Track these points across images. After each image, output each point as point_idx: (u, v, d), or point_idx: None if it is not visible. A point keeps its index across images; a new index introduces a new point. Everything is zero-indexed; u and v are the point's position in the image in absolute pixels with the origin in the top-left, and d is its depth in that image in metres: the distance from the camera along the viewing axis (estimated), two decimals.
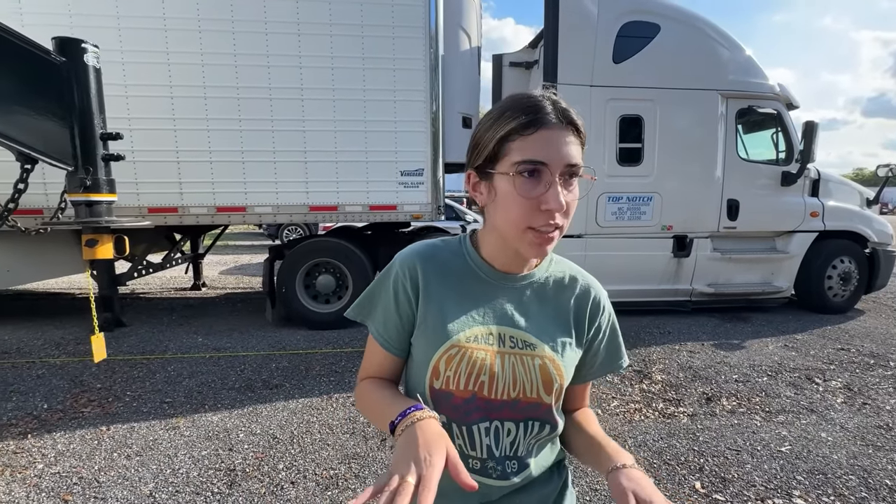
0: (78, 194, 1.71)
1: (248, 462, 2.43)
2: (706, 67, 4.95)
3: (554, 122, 0.65)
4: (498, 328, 0.74)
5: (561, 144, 0.65)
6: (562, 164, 0.65)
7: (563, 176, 0.65)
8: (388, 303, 0.77)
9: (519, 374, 0.73)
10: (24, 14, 3.96)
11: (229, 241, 12.73)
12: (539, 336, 0.75)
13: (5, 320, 4.99)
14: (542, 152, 0.64)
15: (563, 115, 0.66)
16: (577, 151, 0.66)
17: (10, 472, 2.33)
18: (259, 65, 4.36)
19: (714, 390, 3.35)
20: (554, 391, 0.75)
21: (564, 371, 0.75)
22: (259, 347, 4.24)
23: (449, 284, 0.76)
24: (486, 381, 0.72)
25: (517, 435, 0.75)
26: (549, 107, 0.65)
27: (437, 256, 0.78)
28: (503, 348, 0.73)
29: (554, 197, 0.64)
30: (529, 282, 0.78)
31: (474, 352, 0.72)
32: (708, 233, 5.17)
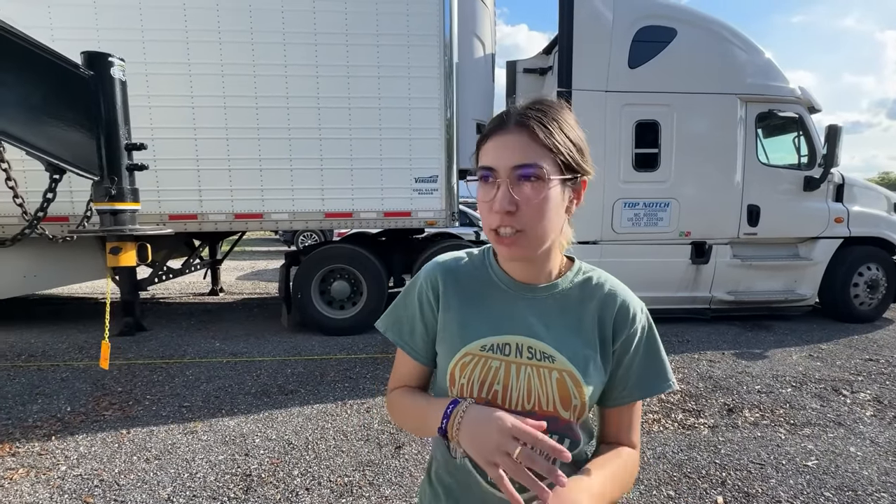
0: (103, 203, 1.76)
1: (264, 467, 2.45)
2: (724, 71, 4.88)
3: (507, 128, 0.66)
4: (515, 338, 0.73)
5: (510, 148, 0.65)
6: (508, 166, 0.65)
7: (518, 179, 0.65)
8: (414, 312, 0.80)
9: (534, 387, 0.71)
10: (54, 29, 4.10)
11: (246, 246, 12.94)
12: (559, 348, 0.72)
13: (32, 324, 5.14)
14: (491, 158, 0.67)
15: (518, 118, 0.66)
16: (531, 152, 0.65)
17: (35, 474, 2.39)
18: (277, 75, 4.45)
19: (736, 401, 3.26)
20: (573, 407, 0.71)
21: (586, 387, 0.70)
22: (275, 353, 4.28)
23: (469, 294, 0.77)
24: (500, 390, 0.71)
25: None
26: (511, 114, 0.67)
27: (460, 267, 0.80)
28: (520, 358, 0.72)
29: (499, 199, 0.65)
30: (552, 292, 0.76)
31: (488, 360, 0.72)
32: (727, 239, 5.06)
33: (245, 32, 4.37)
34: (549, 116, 0.67)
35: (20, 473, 2.39)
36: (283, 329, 5.00)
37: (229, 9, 4.34)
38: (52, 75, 1.51)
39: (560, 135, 0.66)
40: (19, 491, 2.25)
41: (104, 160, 1.66)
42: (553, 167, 0.66)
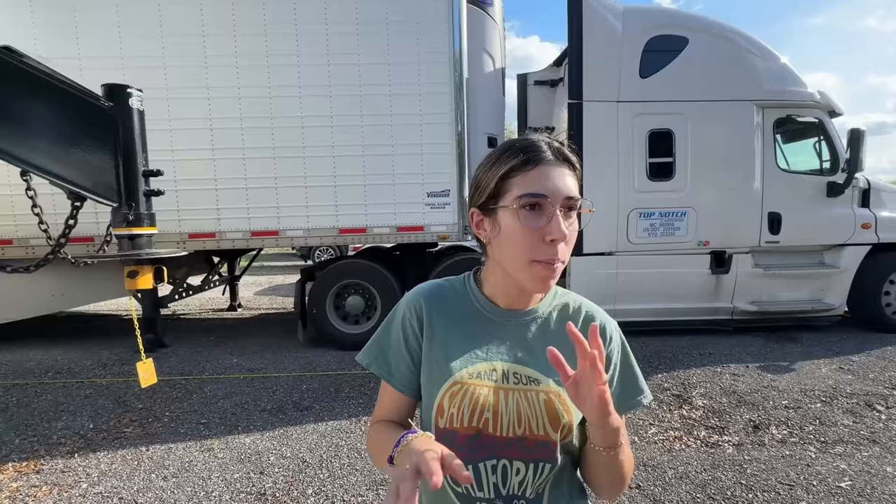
0: (121, 228, 1.82)
1: (279, 486, 2.45)
2: (739, 78, 4.81)
3: (551, 159, 0.70)
4: (502, 364, 0.74)
5: (559, 178, 0.69)
6: (561, 196, 0.68)
7: (563, 208, 0.69)
8: (399, 342, 0.79)
9: (524, 410, 0.72)
10: (82, 58, 4.31)
11: (264, 262, 13.16)
12: (544, 371, 0.74)
13: (59, 341, 5.30)
14: (542, 186, 0.68)
15: (558, 152, 0.71)
16: (574, 185, 0.70)
17: (58, 491, 2.44)
18: (291, 96, 4.56)
19: (762, 417, 3.14)
20: (561, 427, 0.72)
21: (572, 406, 0.71)
22: (291, 368, 4.32)
23: (452, 322, 0.78)
24: (490, 417, 0.71)
25: (526, 475, 0.72)
26: (544, 146, 0.71)
27: (442, 295, 0.81)
28: (507, 384, 0.73)
29: (557, 227, 0.67)
30: (533, 317, 0.78)
31: (477, 388, 0.73)
32: (748, 248, 4.93)
33: (261, 56, 4.50)
34: (573, 152, 0.73)
35: (44, 491, 2.44)
36: (298, 344, 5.04)
37: (246, 34, 4.49)
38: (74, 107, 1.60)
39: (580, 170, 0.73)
40: None
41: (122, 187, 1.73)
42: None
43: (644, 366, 4.16)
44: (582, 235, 4.81)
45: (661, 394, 3.56)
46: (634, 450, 2.76)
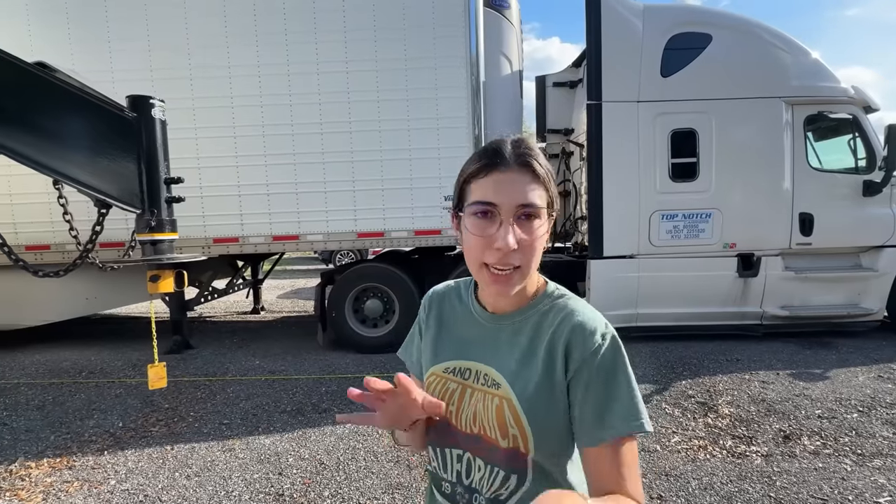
0: (144, 234, 1.89)
1: (296, 487, 2.48)
2: (766, 74, 4.65)
3: (508, 166, 0.67)
4: (476, 364, 0.77)
5: (512, 186, 0.67)
6: (512, 205, 0.66)
7: (518, 217, 0.66)
8: (414, 335, 0.91)
9: (479, 411, 0.73)
10: (114, 72, 4.51)
11: (287, 265, 13.43)
12: (505, 375, 0.73)
13: (93, 343, 5.53)
14: (492, 194, 0.67)
15: (518, 158, 0.68)
16: (533, 193, 0.67)
17: (88, 487, 2.53)
18: (311, 103, 4.65)
19: (793, 427, 3.01)
20: (511, 437, 0.69)
21: (525, 417, 0.68)
22: (310, 371, 4.38)
23: (447, 321, 0.84)
24: (454, 411, 0.76)
25: (484, 475, 0.73)
26: (507, 150, 0.68)
27: (446, 296, 0.88)
28: (476, 384, 0.75)
29: (502, 236, 0.65)
30: (514, 321, 0.76)
31: (448, 382, 0.78)
32: (778, 250, 4.75)
33: (282, 65, 4.61)
34: (538, 153, 0.70)
35: (75, 486, 2.54)
36: (319, 347, 5.11)
37: (268, 43, 4.61)
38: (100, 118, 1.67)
39: (549, 174, 0.70)
40: (73, 503, 2.39)
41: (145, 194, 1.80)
42: (544, 204, 0.69)
43: (667, 372, 4.05)
44: (602, 238, 4.73)
45: (686, 401, 3.45)
46: (655, 458, 2.69)
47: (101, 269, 2.26)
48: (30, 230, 4.61)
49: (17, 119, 1.71)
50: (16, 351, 5.12)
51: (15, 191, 4.53)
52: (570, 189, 6.47)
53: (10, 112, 1.70)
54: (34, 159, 1.73)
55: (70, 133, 1.68)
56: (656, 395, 3.57)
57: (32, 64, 1.76)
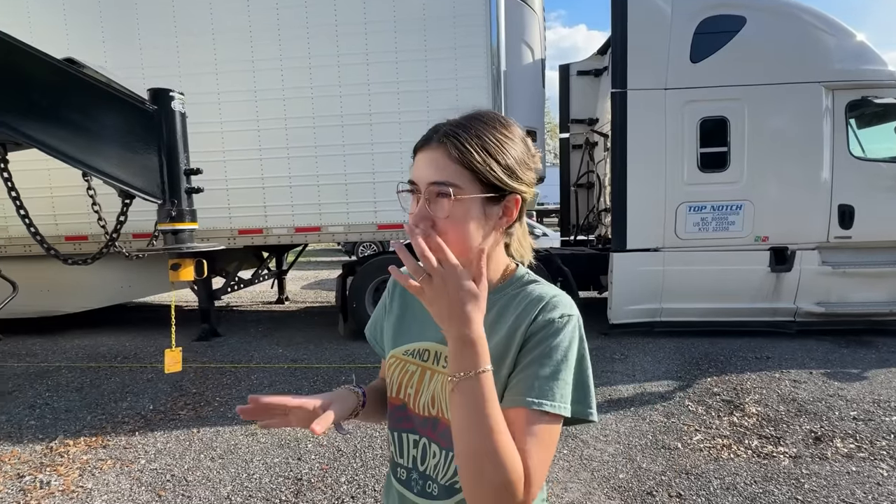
0: (165, 224, 1.96)
1: (314, 473, 2.54)
2: (804, 58, 4.40)
3: (431, 144, 0.66)
4: (436, 346, 0.74)
5: (429, 164, 0.66)
6: (426, 182, 0.65)
7: (433, 194, 0.65)
8: (379, 313, 0.87)
9: (437, 394, 0.72)
10: (145, 68, 4.66)
11: (311, 257, 13.69)
12: None
13: (127, 329, 5.79)
14: (414, 172, 0.68)
15: (443, 135, 0.65)
16: (447, 170, 0.64)
17: (120, 465, 2.67)
18: (332, 95, 4.69)
19: (825, 429, 2.88)
20: None
21: None
22: (331, 360, 4.46)
23: (408, 302, 0.82)
24: (412, 394, 0.75)
25: (439, 461, 0.72)
26: (436, 129, 0.67)
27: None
28: (435, 366, 0.73)
29: (415, 213, 0.65)
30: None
31: (407, 364, 0.76)
32: (815, 244, 4.52)
33: (303, 58, 4.66)
34: (473, 133, 0.65)
35: (108, 464, 2.68)
36: (340, 337, 5.20)
37: (290, 37, 4.66)
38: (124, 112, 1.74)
39: (480, 154, 0.65)
40: (106, 480, 2.52)
41: (166, 185, 1.86)
42: (471, 185, 0.65)
43: (692, 368, 3.94)
44: (626, 231, 4.61)
45: (710, 399, 3.35)
46: (676, 456, 2.62)
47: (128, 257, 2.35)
48: (69, 221, 4.84)
49: (49, 114, 1.79)
50: (57, 336, 5.42)
51: (55, 184, 4.76)
52: (594, 181, 6.34)
53: (42, 107, 1.78)
54: (64, 152, 1.81)
55: (97, 127, 1.75)
56: (679, 392, 3.47)
57: (62, 60, 1.83)
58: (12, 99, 1.72)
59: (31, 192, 4.64)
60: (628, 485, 2.37)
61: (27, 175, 4.51)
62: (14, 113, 1.71)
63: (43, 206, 4.78)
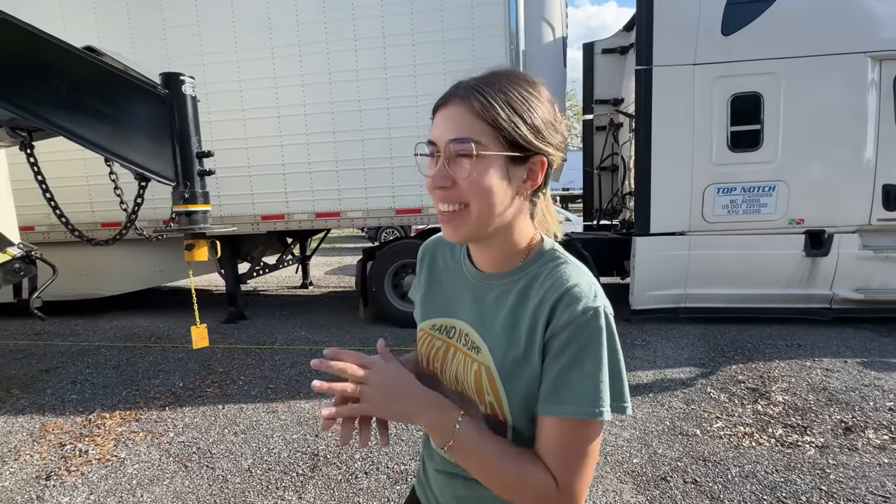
0: (179, 206, 2.03)
1: (330, 449, 2.62)
2: (849, 27, 4.10)
3: (451, 101, 0.63)
4: (460, 323, 0.74)
5: (449, 121, 0.63)
6: (444, 140, 0.62)
7: (452, 153, 0.62)
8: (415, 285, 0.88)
9: (459, 374, 0.72)
10: (170, 58, 4.77)
11: (335, 243, 13.93)
12: (486, 340, 0.69)
13: (160, 311, 6.07)
14: (432, 132, 0.65)
15: (463, 91, 0.62)
16: (467, 125, 0.61)
17: (151, 438, 2.82)
18: (350, 80, 4.69)
19: (857, 419, 2.74)
20: (488, 403, 0.68)
21: (500, 386, 0.66)
22: (351, 343, 4.56)
23: (437, 276, 0.82)
24: (439, 367, 0.76)
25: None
26: (458, 85, 0.64)
27: (439, 249, 0.84)
28: (458, 343, 0.73)
29: (434, 174, 0.63)
30: (501, 282, 0.71)
31: (434, 339, 0.77)
32: (855, 226, 4.27)
33: (321, 43, 4.67)
34: (497, 89, 0.62)
35: (140, 436, 2.84)
36: (360, 321, 5.30)
37: (308, 22, 4.67)
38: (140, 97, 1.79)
39: (505, 109, 0.61)
40: (138, 450, 2.68)
41: (179, 167, 1.92)
42: (493, 142, 0.61)
43: (716, 355, 3.82)
44: (649, 214, 4.47)
45: (734, 386, 3.24)
46: (694, 443, 2.56)
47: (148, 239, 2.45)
48: (104, 209, 5.07)
49: (71, 101, 1.87)
50: (97, 317, 5.74)
51: (90, 173, 4.98)
52: (619, 163, 6.15)
53: (65, 95, 1.85)
54: (87, 138, 1.89)
55: (115, 112, 1.82)
56: (701, 379, 3.38)
57: (82, 49, 1.90)
58: (37, 88, 1.79)
59: (69, 181, 4.95)
60: (642, 470, 2.33)
61: (65, 165, 4.78)
62: (39, 101, 1.79)
63: (80, 194, 5.03)
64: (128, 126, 1.84)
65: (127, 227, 2.09)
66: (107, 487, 2.34)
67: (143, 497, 2.25)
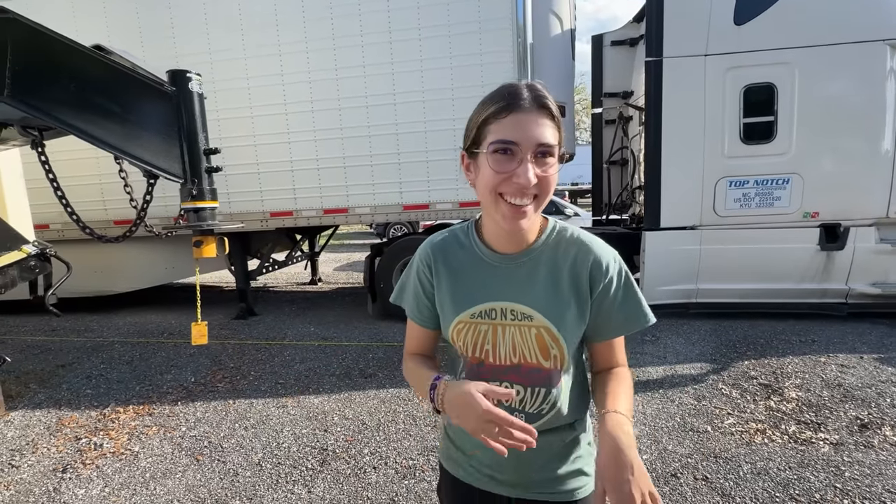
0: (187, 203, 2.04)
1: (339, 444, 2.64)
2: (866, 14, 4.00)
3: (527, 107, 0.72)
4: (499, 304, 0.83)
5: (532, 126, 0.72)
6: (532, 144, 0.72)
7: (536, 155, 0.72)
8: (417, 289, 0.93)
9: (518, 343, 0.83)
10: (178, 56, 4.81)
11: (343, 240, 14.00)
12: (536, 307, 0.82)
13: (172, 308, 6.15)
14: (513, 133, 0.72)
15: (536, 100, 0.73)
16: (549, 133, 0.73)
17: (164, 432, 2.87)
18: (356, 76, 4.68)
19: (873, 416, 2.69)
20: (553, 357, 0.83)
21: (562, 337, 0.81)
22: (360, 338, 4.58)
23: (456, 270, 0.88)
24: (490, 349, 0.85)
25: (525, 396, 0.85)
26: (524, 93, 0.73)
27: (447, 247, 0.90)
28: (504, 321, 0.83)
29: (524, 172, 0.71)
30: (529, 257, 0.84)
31: (478, 326, 0.85)
32: (872, 219, 4.17)
33: (327, 39, 4.67)
34: (552, 100, 0.75)
35: (153, 430, 2.88)
36: (368, 316, 5.32)
37: (314, 19, 4.67)
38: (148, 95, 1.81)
39: (559, 114, 0.75)
40: (151, 444, 2.72)
41: (187, 164, 1.94)
42: (557, 143, 0.75)
43: (728, 351, 3.77)
44: (659, 208, 4.42)
45: (746, 382, 3.20)
46: (705, 439, 2.53)
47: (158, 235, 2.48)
48: (117, 207, 5.14)
49: (81, 100, 1.89)
50: (111, 314, 5.83)
51: (103, 171, 5.05)
52: (628, 157, 6.07)
53: (75, 94, 1.87)
54: (97, 137, 1.91)
55: (124, 110, 1.84)
56: (713, 375, 3.34)
57: (91, 48, 1.91)
58: (47, 86, 1.82)
59: (83, 179, 5.03)
60: (651, 466, 2.31)
61: (78, 163, 4.85)
62: (49, 100, 1.81)
63: (93, 192, 5.10)
64: (136, 124, 1.86)
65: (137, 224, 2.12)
66: (121, 480, 2.38)
67: (156, 490, 2.29)
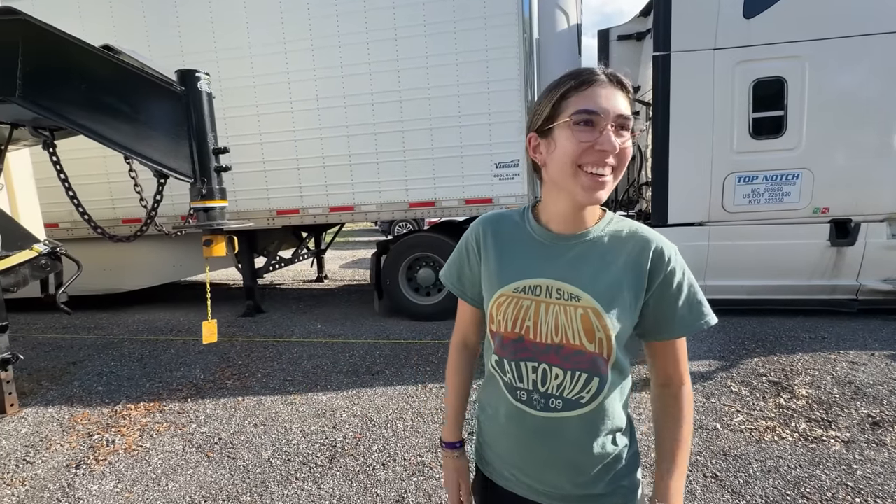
0: (197, 202, 2.05)
1: (348, 441, 2.65)
2: (880, 6, 3.92)
3: (605, 81, 0.75)
4: (546, 281, 0.82)
5: (612, 98, 0.74)
6: (613, 113, 0.73)
7: (615, 126, 0.74)
8: (462, 260, 0.95)
9: (561, 322, 0.81)
10: (185, 55, 4.83)
11: (349, 237, 14.03)
12: (585, 289, 0.80)
13: (181, 305, 6.20)
14: (595, 103, 0.73)
15: (612, 76, 0.75)
16: (626, 106, 0.75)
17: (174, 428, 2.90)
18: (362, 73, 4.68)
19: (885, 413, 2.67)
20: (598, 340, 0.80)
21: (610, 323, 0.79)
22: (367, 336, 4.59)
23: (507, 244, 0.89)
24: (531, 325, 0.83)
25: (564, 380, 0.82)
26: (599, 70, 0.76)
27: (501, 222, 0.92)
28: (549, 299, 0.82)
29: (608, 139, 0.72)
30: (584, 239, 0.83)
31: (520, 300, 0.84)
32: (883, 215, 4.12)
33: (333, 37, 4.67)
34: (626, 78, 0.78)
35: (164, 427, 2.91)
36: (375, 314, 5.34)
37: (320, 16, 4.67)
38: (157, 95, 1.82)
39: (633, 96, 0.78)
40: (162, 441, 2.75)
41: (196, 164, 1.94)
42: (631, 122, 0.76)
43: (737, 348, 3.74)
44: (667, 204, 4.38)
45: (756, 380, 3.18)
46: (714, 437, 2.52)
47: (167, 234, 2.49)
48: (125, 206, 5.19)
49: (91, 100, 1.90)
50: (121, 311, 5.89)
51: (111, 170, 5.09)
52: (635, 153, 6.02)
53: (85, 94, 1.88)
54: (107, 137, 1.92)
55: (133, 110, 1.85)
56: (721, 372, 3.32)
57: (100, 48, 1.92)
58: (58, 87, 1.83)
59: (91, 178, 5.07)
60: None
61: (86, 163, 4.90)
62: (60, 100, 1.82)
63: (101, 191, 5.15)
64: (145, 123, 1.87)
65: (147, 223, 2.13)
66: (133, 476, 2.41)
67: (167, 486, 2.32)
